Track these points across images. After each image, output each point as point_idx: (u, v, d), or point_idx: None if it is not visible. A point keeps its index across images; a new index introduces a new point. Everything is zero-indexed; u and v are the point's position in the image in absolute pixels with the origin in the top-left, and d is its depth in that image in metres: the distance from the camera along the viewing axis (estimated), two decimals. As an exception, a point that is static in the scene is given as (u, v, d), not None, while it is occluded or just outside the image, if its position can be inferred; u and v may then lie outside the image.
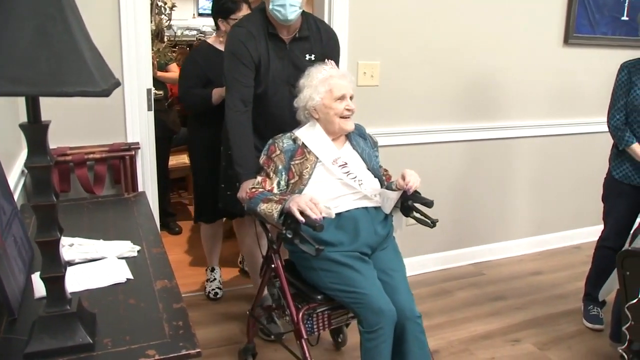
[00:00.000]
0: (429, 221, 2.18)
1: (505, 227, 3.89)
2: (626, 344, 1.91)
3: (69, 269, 1.30)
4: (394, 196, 2.22)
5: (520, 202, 3.91)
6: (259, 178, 2.23)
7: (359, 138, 2.38)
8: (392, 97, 3.26)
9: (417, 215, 2.24)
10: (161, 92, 3.81)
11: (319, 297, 2.15)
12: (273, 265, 2.25)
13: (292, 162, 2.21)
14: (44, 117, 1.20)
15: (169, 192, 4.25)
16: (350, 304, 2.07)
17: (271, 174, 2.22)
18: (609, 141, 2.94)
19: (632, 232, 2.75)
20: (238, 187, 2.38)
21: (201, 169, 3.11)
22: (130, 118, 2.66)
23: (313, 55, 2.46)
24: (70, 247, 1.73)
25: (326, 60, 2.36)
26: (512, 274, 3.65)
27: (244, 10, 2.92)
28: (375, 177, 2.30)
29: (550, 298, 3.34)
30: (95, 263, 1.68)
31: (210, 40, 3.13)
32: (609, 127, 2.88)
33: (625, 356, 2.01)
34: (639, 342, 2.05)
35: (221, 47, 2.90)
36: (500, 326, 2.99)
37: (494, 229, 3.84)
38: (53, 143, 2.47)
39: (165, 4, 4.27)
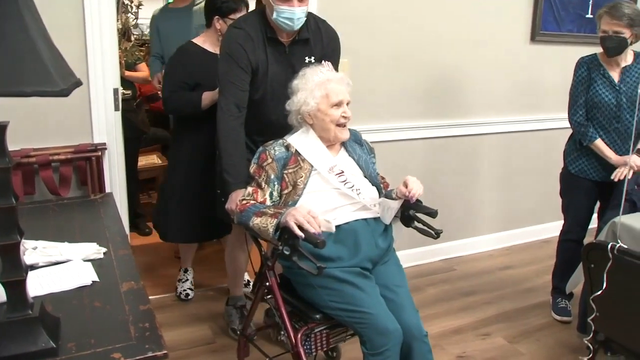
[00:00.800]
0: (432, 232, 2.04)
1: (474, 223, 3.93)
2: (591, 335, 1.95)
3: (32, 272, 1.29)
4: (395, 206, 2.07)
5: (488, 198, 3.95)
6: (250, 189, 2.08)
7: (354, 144, 2.24)
8: (360, 95, 3.24)
9: (419, 225, 2.11)
10: (129, 92, 3.75)
11: (317, 316, 2.00)
12: (267, 283, 2.09)
13: (285, 171, 2.06)
14: (6, 117, 1.17)
15: (138, 193, 4.20)
16: (353, 324, 1.92)
17: (263, 184, 2.06)
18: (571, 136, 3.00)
19: (597, 225, 2.82)
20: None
21: (181, 181, 2.90)
22: (97, 118, 2.61)
23: (313, 58, 2.33)
24: (34, 251, 1.70)
25: (323, 61, 2.20)
26: (482, 269, 3.70)
27: (243, 12, 2.78)
28: (372, 185, 2.17)
29: (519, 292, 3.38)
30: (60, 266, 1.65)
31: (198, 40, 2.90)
32: (571, 123, 2.93)
33: (591, 347, 2.05)
34: (604, 333, 2.09)
35: (210, 48, 2.79)
36: (471, 321, 3.02)
37: (463, 226, 3.88)
38: (16, 144, 2.43)
39: (132, 2, 4.21)
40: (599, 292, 1.93)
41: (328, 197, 2.04)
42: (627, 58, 2.81)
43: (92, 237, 1.87)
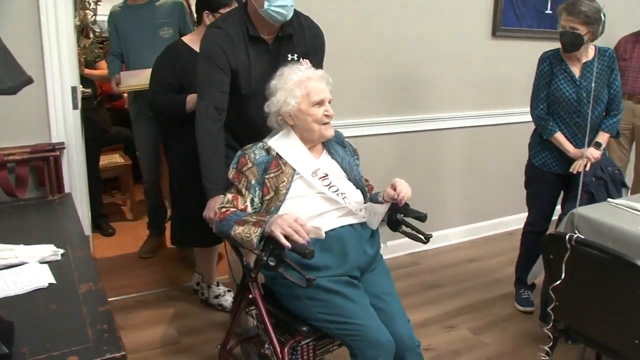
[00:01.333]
0: (421, 236, 1.98)
1: (439, 216, 3.97)
2: (551, 324, 1.98)
3: (-18, 276, 1.24)
4: (382, 210, 1.99)
5: (453, 192, 4.00)
6: (229, 195, 1.97)
7: (337, 146, 2.15)
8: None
9: (407, 229, 2.04)
10: (89, 90, 3.69)
11: (304, 328, 1.90)
12: (250, 296, 1.98)
13: (267, 176, 1.96)
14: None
15: (101, 193, 4.13)
16: (343, 337, 1.84)
17: (243, 190, 1.95)
18: (532, 130, 3.05)
19: (558, 217, 2.87)
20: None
21: (185, 181, 2.81)
22: (54, 117, 2.54)
23: (296, 55, 2.25)
24: (-13, 254, 1.65)
25: (301, 59, 2.11)
26: (447, 262, 3.74)
27: (234, 6, 2.60)
28: (357, 188, 2.08)
29: (484, 284, 3.43)
30: (15, 269, 1.61)
31: (187, 38, 2.83)
32: (532, 117, 2.98)
33: (551, 336, 2.09)
34: (564, 322, 2.13)
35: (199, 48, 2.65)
36: (437, 313, 3.05)
37: (428, 219, 3.86)
38: (-31, 145, 2.36)
39: (90, -2, 4.11)
40: (558, 283, 1.97)
41: (312, 202, 1.95)
42: (589, 54, 2.86)
43: (49, 239, 1.83)
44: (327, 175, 2.00)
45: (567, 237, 1.90)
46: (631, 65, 4.08)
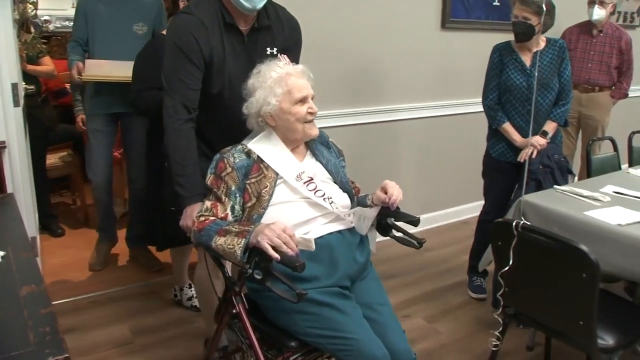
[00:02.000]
0: (414, 242, 1.89)
1: (394, 207, 4.00)
2: (501, 310, 2.02)
3: None
4: (371, 214, 1.88)
5: (409, 182, 4.03)
6: (208, 203, 1.83)
7: (321, 147, 2.02)
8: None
9: (398, 234, 1.93)
10: (32, 87, 3.57)
11: (292, 343, 1.78)
12: (235, 311, 1.83)
13: (248, 181, 1.81)
14: None
15: (48, 192, 4.00)
16: (335, 352, 1.72)
17: (223, 197, 1.80)
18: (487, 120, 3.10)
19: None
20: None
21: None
22: (-6, 115, 2.46)
23: (275, 49, 2.07)
24: None
25: (279, 55, 1.95)
26: (402, 253, 3.75)
27: None
28: (344, 191, 1.95)
29: (438, 273, 3.48)
30: (-49, 273, 1.54)
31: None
32: (483, 106, 3.04)
33: (501, 321, 2.13)
34: (513, 307, 2.18)
35: None
36: (392, 303, 3.01)
37: (384, 210, 3.94)
38: None
39: (31, -9, 3.97)
40: (506, 269, 2.01)
41: (297, 208, 1.81)
42: (539, 44, 2.94)
43: (-12, 241, 1.76)
44: (312, 179, 1.87)
45: (513, 224, 1.94)
46: (576, 55, 4.19)
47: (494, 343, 2.15)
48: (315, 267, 1.74)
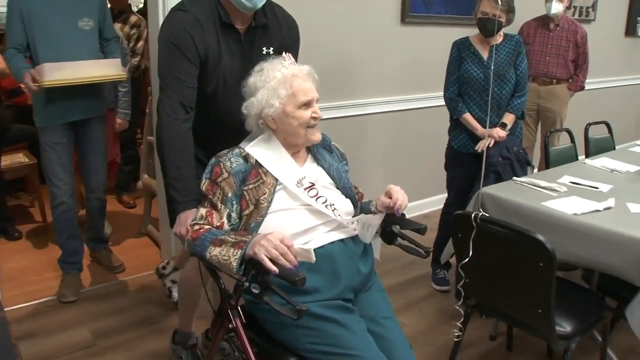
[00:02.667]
0: (420, 250, 1.80)
1: (359, 202, 4.01)
2: (462, 301, 2.04)
3: None
4: (376, 222, 1.77)
5: (375, 176, 4.05)
6: (203, 210, 1.72)
7: (322, 150, 1.91)
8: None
9: (404, 242, 1.84)
10: (-17, 87, 3.44)
11: (292, 359, 1.67)
12: (231, 325, 1.73)
13: (245, 187, 1.71)
14: None
15: (4, 195, 3.89)
16: None
17: (219, 204, 1.70)
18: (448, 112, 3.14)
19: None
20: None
21: None
22: (-59, 116, 2.37)
23: (271, 49, 1.99)
24: None
25: (284, 53, 1.83)
26: (367, 247, 3.78)
27: None
28: (346, 197, 1.85)
29: (402, 266, 3.49)
30: None
31: None
32: (444, 99, 3.09)
33: (463, 312, 2.15)
34: (475, 298, 2.21)
35: None
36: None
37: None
38: None
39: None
40: (466, 260, 2.03)
41: (298, 216, 1.71)
42: (497, 38, 3.02)
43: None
44: (313, 184, 1.76)
45: (472, 215, 1.96)
46: (534, 49, 4.27)
47: (456, 334, 2.17)
48: (316, 279, 1.64)
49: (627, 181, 2.77)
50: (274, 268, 1.47)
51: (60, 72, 2.72)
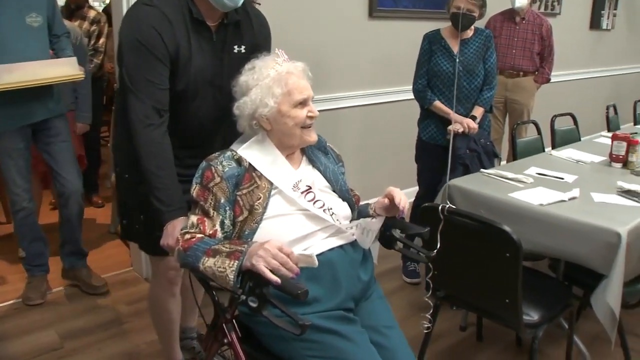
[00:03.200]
0: (423, 255, 1.71)
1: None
2: (430, 292, 2.05)
3: None
4: (376, 226, 1.69)
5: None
6: (194, 218, 1.61)
7: (317, 152, 1.83)
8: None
9: (404, 248, 1.76)
10: None
11: None
12: (226, 340, 1.62)
13: (239, 193, 1.60)
14: None
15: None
16: None
17: (211, 211, 1.59)
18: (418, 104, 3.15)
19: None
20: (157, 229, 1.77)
21: None
22: None
23: (243, 47, 1.88)
24: None
25: (277, 49, 1.72)
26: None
27: None
28: (343, 200, 1.77)
29: (374, 259, 3.51)
30: None
31: None
32: (413, 91, 3.11)
33: (432, 303, 2.17)
34: (444, 290, 2.22)
35: None
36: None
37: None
38: None
39: None
40: (434, 252, 2.03)
41: (294, 222, 1.62)
42: (468, 32, 3.05)
43: None
44: (310, 188, 1.67)
45: (439, 207, 1.97)
46: (500, 42, 4.31)
47: (426, 325, 2.18)
48: (315, 288, 1.54)
49: (592, 171, 2.82)
50: (275, 278, 1.37)
51: (11, 75, 2.53)
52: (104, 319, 2.81)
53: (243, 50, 1.88)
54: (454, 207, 1.98)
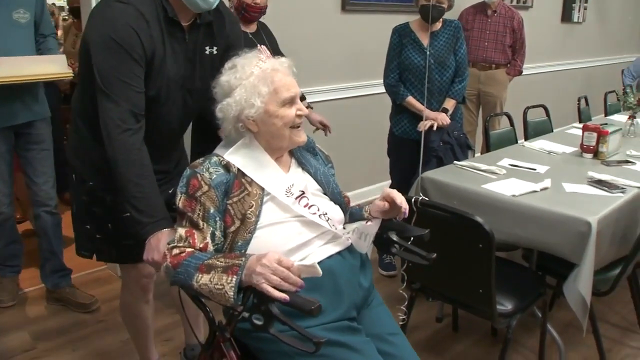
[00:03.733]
0: (423, 256, 1.61)
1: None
2: (405, 284, 2.06)
3: None
4: (373, 230, 1.60)
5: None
6: (182, 231, 1.49)
7: (306, 153, 1.73)
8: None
9: (403, 250, 1.65)
10: None
11: None
12: None
13: (229, 201, 1.50)
14: None
15: None
16: None
17: (200, 222, 1.48)
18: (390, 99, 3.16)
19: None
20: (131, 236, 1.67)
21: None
22: None
23: (215, 48, 1.80)
24: None
25: (259, 46, 1.64)
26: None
27: None
28: (335, 204, 1.68)
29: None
30: None
31: None
32: (384, 85, 3.11)
33: (406, 295, 2.18)
34: (419, 282, 2.23)
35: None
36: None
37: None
38: None
39: None
40: (409, 244, 2.04)
41: (290, 230, 1.52)
42: (437, 24, 3.05)
43: None
44: (303, 192, 1.58)
45: (412, 200, 1.97)
46: (473, 35, 4.34)
47: (402, 317, 2.19)
48: (318, 299, 1.40)
49: (564, 162, 2.86)
50: (283, 296, 1.28)
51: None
52: (77, 318, 2.77)
53: (215, 52, 1.81)
54: (426, 199, 1.99)
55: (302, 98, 3.21)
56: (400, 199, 1.57)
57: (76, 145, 1.88)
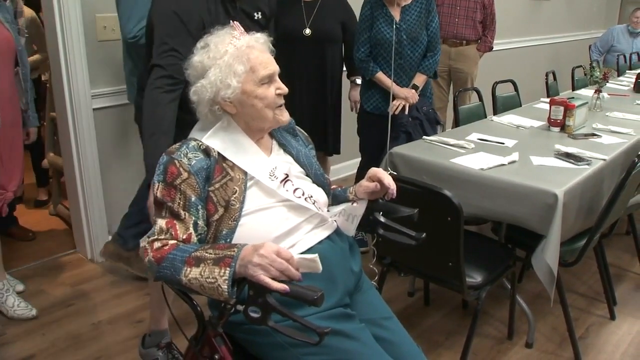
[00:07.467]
0: (410, 236, 1.55)
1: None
2: (375, 259, 2.07)
3: None
4: (360, 212, 1.55)
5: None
6: (162, 222, 1.39)
7: (287, 135, 1.66)
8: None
9: (389, 231, 1.57)
10: None
11: None
12: (217, 356, 1.38)
13: (211, 188, 1.42)
14: None
15: None
16: None
17: (181, 212, 1.39)
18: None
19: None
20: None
21: None
22: None
23: (260, 13, 1.88)
24: None
25: (231, 22, 1.54)
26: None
27: None
28: (318, 186, 1.61)
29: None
30: None
31: None
32: (354, 59, 3.07)
33: (376, 270, 2.19)
34: (390, 257, 2.25)
35: None
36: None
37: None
38: None
39: None
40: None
41: (277, 215, 1.45)
42: None
43: None
44: (287, 175, 1.51)
45: (382, 175, 1.97)
46: (443, 11, 4.32)
47: (373, 292, 2.20)
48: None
49: (531, 136, 2.89)
50: (283, 287, 1.21)
51: None
52: (47, 302, 2.73)
53: (261, 17, 1.91)
54: (395, 173, 1.99)
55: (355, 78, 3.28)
56: (388, 179, 1.51)
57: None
